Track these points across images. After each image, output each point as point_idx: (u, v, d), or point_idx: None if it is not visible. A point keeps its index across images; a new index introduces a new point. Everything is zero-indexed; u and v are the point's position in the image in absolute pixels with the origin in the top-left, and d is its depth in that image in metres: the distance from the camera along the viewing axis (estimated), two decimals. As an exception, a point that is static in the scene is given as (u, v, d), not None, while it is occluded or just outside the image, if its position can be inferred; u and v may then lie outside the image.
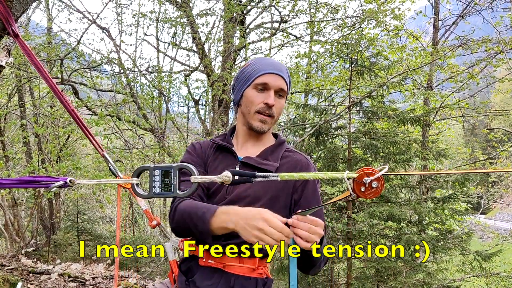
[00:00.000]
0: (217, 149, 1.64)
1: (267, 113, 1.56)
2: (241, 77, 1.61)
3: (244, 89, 1.59)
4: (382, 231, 6.58)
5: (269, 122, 1.58)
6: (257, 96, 1.56)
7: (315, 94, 8.19)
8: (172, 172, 1.16)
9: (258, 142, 1.64)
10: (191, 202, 1.43)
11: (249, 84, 1.57)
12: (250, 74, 1.57)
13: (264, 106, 1.55)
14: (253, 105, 1.56)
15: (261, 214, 1.21)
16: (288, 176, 1.17)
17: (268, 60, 1.63)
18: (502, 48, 7.62)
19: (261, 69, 1.56)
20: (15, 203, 9.01)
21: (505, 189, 20.81)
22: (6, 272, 5.68)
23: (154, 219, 1.87)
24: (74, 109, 1.60)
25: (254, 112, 1.56)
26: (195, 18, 7.95)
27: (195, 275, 1.51)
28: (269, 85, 1.55)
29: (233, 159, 1.59)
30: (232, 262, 1.48)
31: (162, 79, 8.01)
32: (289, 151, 1.66)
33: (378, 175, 1.10)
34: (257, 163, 1.56)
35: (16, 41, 1.40)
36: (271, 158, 1.59)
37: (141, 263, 8.65)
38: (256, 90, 1.56)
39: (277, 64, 1.60)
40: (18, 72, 7.54)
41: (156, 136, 7.56)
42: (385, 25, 8.62)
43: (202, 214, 1.34)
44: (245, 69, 1.61)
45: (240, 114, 1.64)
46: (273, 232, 1.18)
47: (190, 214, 1.38)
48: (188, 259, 1.58)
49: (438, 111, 9.75)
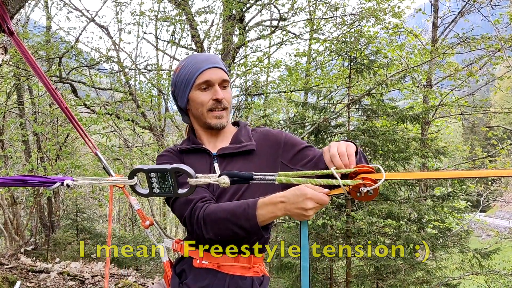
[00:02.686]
0: (188, 152, 1.59)
1: (220, 107, 1.53)
2: (179, 82, 1.56)
3: (188, 93, 1.55)
4: (381, 229, 6.58)
5: (224, 115, 1.55)
6: (204, 96, 1.52)
7: (314, 92, 8.17)
8: (168, 174, 1.16)
9: (223, 135, 1.62)
10: (218, 206, 1.39)
11: (191, 87, 1.53)
12: (188, 77, 1.53)
13: (214, 103, 1.52)
14: (203, 105, 1.53)
15: (305, 194, 1.23)
16: (284, 179, 1.19)
17: (200, 55, 1.60)
18: (501, 45, 7.61)
19: (198, 68, 1.52)
20: (14, 202, 9.00)
21: (505, 187, 20.80)
22: (5, 271, 5.68)
23: (147, 219, 1.84)
24: (67, 106, 1.59)
25: (206, 111, 1.53)
26: (194, 16, 7.93)
27: (188, 277, 1.49)
28: (211, 81, 1.52)
29: (207, 157, 1.56)
30: (227, 261, 1.46)
31: (161, 77, 7.99)
32: (254, 130, 1.65)
33: (376, 186, 1.13)
34: (235, 149, 1.54)
35: (11, 39, 1.39)
36: (244, 140, 1.57)
37: (140, 262, 8.65)
38: (200, 90, 1.53)
39: (211, 57, 1.57)
40: (17, 71, 7.52)
41: (155, 134, 7.55)
42: (385, 23, 8.61)
43: (243, 211, 1.32)
44: (181, 73, 1.56)
45: (193, 117, 1.61)
46: (321, 204, 1.24)
47: (228, 217, 1.35)
48: (182, 260, 1.56)
49: (437, 109, 9.75)
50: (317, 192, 1.23)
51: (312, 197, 1.22)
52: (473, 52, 8.97)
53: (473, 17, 9.72)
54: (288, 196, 1.26)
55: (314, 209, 1.23)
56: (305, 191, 1.23)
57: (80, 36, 7.57)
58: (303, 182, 1.21)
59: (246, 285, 1.47)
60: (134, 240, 9.52)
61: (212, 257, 1.47)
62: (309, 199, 1.22)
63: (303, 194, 1.23)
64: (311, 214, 1.24)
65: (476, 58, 8.87)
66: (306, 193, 1.23)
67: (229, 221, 1.34)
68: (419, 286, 6.31)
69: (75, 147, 11.90)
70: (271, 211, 1.29)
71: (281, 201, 1.27)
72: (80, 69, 7.81)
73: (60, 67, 6.99)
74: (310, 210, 1.23)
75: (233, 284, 1.45)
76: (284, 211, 1.27)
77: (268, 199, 1.31)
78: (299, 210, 1.24)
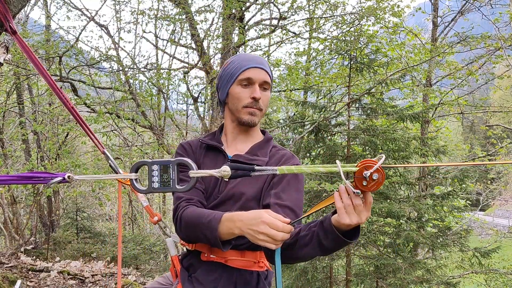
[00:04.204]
0: (207, 148, 1.65)
1: (256, 107, 1.57)
2: (224, 76, 1.62)
3: (229, 87, 1.59)
4: (381, 227, 6.59)
5: (258, 114, 1.59)
6: (243, 92, 1.57)
7: (314, 91, 8.18)
8: (171, 167, 1.16)
9: (248, 138, 1.65)
10: (194, 210, 1.43)
11: (233, 81, 1.58)
12: (232, 72, 1.58)
13: (251, 101, 1.56)
14: (240, 101, 1.57)
15: (261, 217, 1.21)
16: (287, 170, 1.17)
17: (249, 55, 1.64)
18: (501, 44, 7.61)
19: (243, 65, 1.57)
20: (14, 201, 9.00)
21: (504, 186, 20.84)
22: (5, 270, 5.68)
23: (155, 215, 1.88)
24: (73, 106, 1.59)
25: (242, 107, 1.57)
26: (193, 15, 7.92)
27: (197, 271, 1.52)
28: (253, 79, 1.56)
29: (223, 158, 1.60)
30: (234, 256, 1.49)
31: (161, 76, 7.99)
32: (276, 147, 1.67)
33: (377, 166, 1.08)
34: (247, 160, 1.57)
35: (14, 38, 1.39)
36: (260, 154, 1.61)
37: (140, 261, 8.66)
38: (241, 86, 1.57)
39: (258, 58, 1.62)
40: (17, 70, 7.52)
41: (155, 133, 7.55)
42: (384, 22, 8.61)
43: (208, 223, 1.34)
44: (227, 67, 1.62)
45: (228, 111, 1.65)
46: (275, 234, 1.18)
47: (196, 224, 1.38)
48: (190, 254, 1.59)
49: (437, 108, 9.75)
50: (274, 219, 1.20)
51: (266, 221, 1.19)
52: (473, 51, 8.97)
53: (473, 16, 9.73)
54: (245, 216, 1.26)
55: (266, 235, 1.19)
56: (261, 214, 1.22)
57: (80, 35, 7.58)
58: (305, 171, 1.19)
59: (253, 279, 1.52)
60: (134, 239, 9.53)
61: (219, 251, 1.49)
62: (262, 223, 1.20)
63: (258, 216, 1.22)
64: (262, 239, 1.20)
65: (476, 57, 8.87)
66: (262, 216, 1.21)
67: (197, 227, 1.38)
68: (419, 285, 6.33)
69: (75, 146, 11.91)
70: (229, 228, 1.30)
71: (239, 219, 1.27)
72: (80, 68, 7.81)
73: (60, 66, 6.98)
74: (261, 234, 1.19)
75: (241, 278, 1.49)
76: (240, 230, 1.26)
77: (230, 215, 1.31)
78: (251, 231, 1.22)
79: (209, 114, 8.76)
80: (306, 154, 7.39)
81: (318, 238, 1.27)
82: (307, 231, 1.31)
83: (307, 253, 1.32)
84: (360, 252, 6.74)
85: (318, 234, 1.27)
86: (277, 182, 1.52)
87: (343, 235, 1.21)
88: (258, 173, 1.19)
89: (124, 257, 8.24)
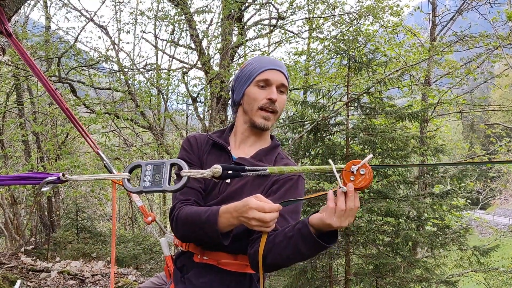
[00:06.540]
0: (213, 145, 1.64)
1: (271, 109, 1.57)
2: (241, 77, 1.62)
3: (246, 88, 1.60)
4: (380, 226, 6.59)
5: (271, 118, 1.59)
6: (259, 93, 1.57)
7: (313, 91, 8.19)
8: (164, 167, 1.17)
9: (257, 141, 1.65)
10: (190, 209, 1.44)
11: (250, 82, 1.58)
12: (250, 72, 1.59)
13: (267, 102, 1.56)
14: (256, 101, 1.57)
15: (248, 203, 1.24)
16: (277, 170, 1.19)
17: (267, 58, 1.66)
18: (499, 43, 7.62)
19: (261, 66, 1.58)
20: (15, 201, 9.02)
21: (504, 185, 20.83)
22: (6, 270, 5.70)
23: (150, 215, 1.88)
24: (68, 107, 1.61)
25: (257, 108, 1.57)
26: (192, 15, 7.94)
27: (190, 272, 1.53)
28: (270, 81, 1.57)
29: (227, 158, 1.60)
30: (226, 259, 1.49)
31: (160, 76, 8.01)
32: (280, 155, 1.67)
33: (364, 161, 1.12)
34: (250, 165, 1.56)
35: (9, 40, 1.41)
36: (265, 160, 1.61)
37: (140, 261, 8.66)
38: (258, 87, 1.58)
39: (276, 61, 1.63)
40: (16, 71, 7.54)
41: (155, 133, 7.57)
42: (383, 22, 8.62)
43: (206, 218, 1.35)
44: (245, 68, 1.62)
45: (242, 112, 1.65)
46: (263, 216, 1.22)
47: (194, 221, 1.39)
48: (183, 255, 1.59)
49: (436, 107, 9.76)
50: (260, 202, 1.24)
51: (253, 207, 1.23)
52: (471, 50, 8.99)
53: (471, 15, 9.73)
54: (235, 206, 1.29)
55: (256, 219, 1.23)
56: (249, 201, 1.25)
57: (79, 36, 7.61)
58: (296, 171, 1.20)
59: (245, 282, 1.52)
60: (134, 239, 9.54)
61: (212, 253, 1.50)
62: (250, 209, 1.23)
63: (246, 204, 1.25)
64: (254, 224, 1.24)
65: (475, 56, 8.88)
66: (249, 202, 1.24)
67: (195, 224, 1.39)
68: (418, 284, 6.34)
69: (75, 147, 11.92)
70: (228, 219, 1.32)
71: (234, 210, 1.29)
72: (79, 69, 7.83)
73: (59, 67, 7.00)
74: (252, 219, 1.23)
75: (233, 280, 1.49)
76: (237, 220, 1.29)
77: (226, 207, 1.33)
78: (244, 219, 1.26)
79: (208, 114, 8.77)
80: (305, 153, 7.39)
81: (296, 243, 1.28)
82: (283, 237, 1.32)
83: (285, 258, 1.32)
84: (360, 251, 6.74)
85: (296, 238, 1.28)
86: (275, 190, 1.53)
87: (320, 238, 1.23)
88: (248, 173, 1.21)
89: (124, 257, 8.25)
